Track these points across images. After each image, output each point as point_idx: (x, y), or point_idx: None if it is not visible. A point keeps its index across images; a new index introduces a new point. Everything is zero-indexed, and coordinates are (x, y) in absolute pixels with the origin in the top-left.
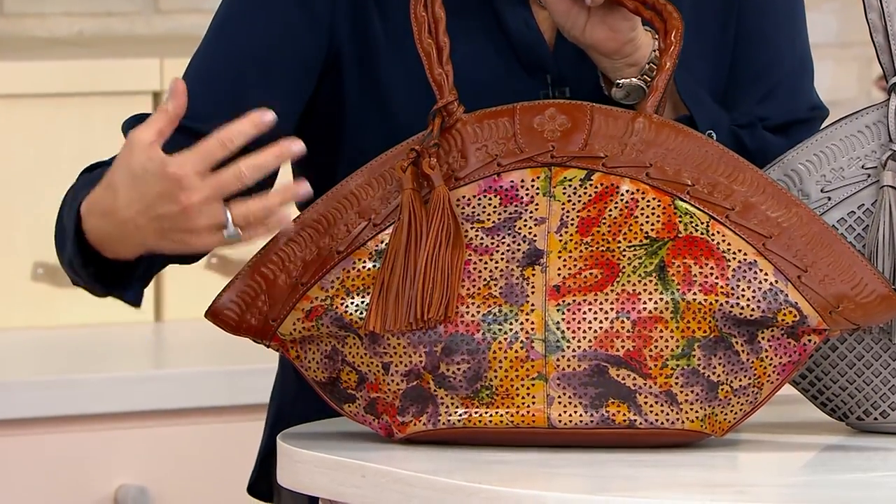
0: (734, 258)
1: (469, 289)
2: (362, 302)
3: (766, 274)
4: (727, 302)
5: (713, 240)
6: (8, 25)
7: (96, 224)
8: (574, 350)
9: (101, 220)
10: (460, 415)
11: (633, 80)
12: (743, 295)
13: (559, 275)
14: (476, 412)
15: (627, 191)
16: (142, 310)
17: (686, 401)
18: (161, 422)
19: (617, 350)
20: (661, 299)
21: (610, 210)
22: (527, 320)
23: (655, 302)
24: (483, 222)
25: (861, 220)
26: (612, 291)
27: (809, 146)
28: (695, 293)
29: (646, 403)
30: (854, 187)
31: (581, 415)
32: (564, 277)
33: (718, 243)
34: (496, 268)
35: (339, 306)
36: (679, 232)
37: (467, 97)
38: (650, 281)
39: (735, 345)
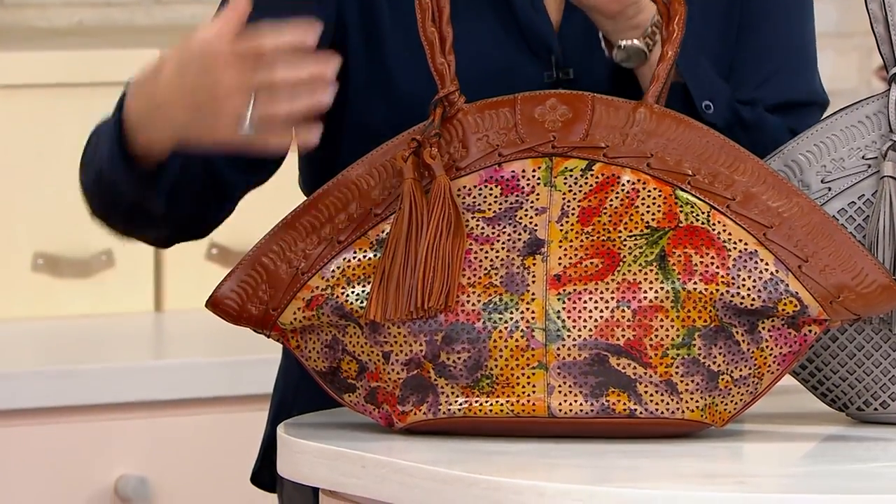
0: (735, 248)
1: (470, 278)
2: (363, 291)
3: (767, 264)
4: (728, 291)
5: (714, 230)
6: (8, 16)
7: (137, 106)
8: (574, 339)
9: (142, 102)
10: (460, 404)
11: (635, 42)
12: (743, 285)
13: (560, 264)
14: (476, 401)
15: (628, 181)
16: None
17: (686, 390)
18: (161, 412)
19: (617, 339)
20: (662, 289)
21: (611, 200)
22: (527, 309)
23: (656, 291)
24: (484, 212)
25: (861, 211)
26: (613, 281)
27: (810, 136)
28: (695, 282)
29: (646, 393)
30: (854, 178)
31: (581, 404)
32: (565, 267)
33: (719, 233)
34: (497, 257)
35: (340, 295)
36: (680, 222)
37: (472, 76)
38: (651, 270)
39: (735, 335)
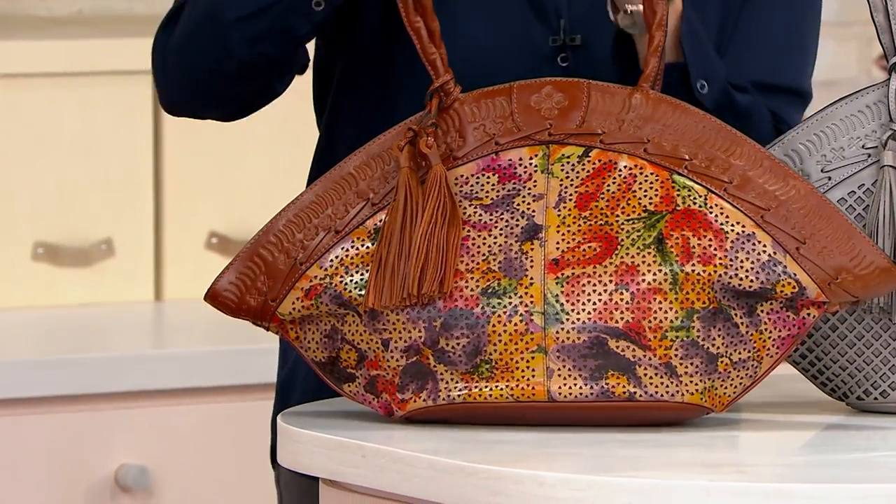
0: (732, 230)
1: (468, 264)
2: (361, 279)
3: (765, 246)
4: (726, 273)
5: (711, 212)
6: (7, 5)
7: None
8: (573, 322)
9: None
10: (460, 390)
11: (641, 7)
12: (742, 266)
13: (558, 248)
14: (476, 387)
15: (625, 166)
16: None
17: (686, 373)
18: (161, 401)
19: (616, 322)
20: (660, 271)
21: (608, 185)
22: (526, 294)
23: (654, 274)
24: (481, 199)
25: (861, 200)
26: (611, 264)
27: (810, 126)
28: (693, 265)
29: (645, 375)
30: (854, 167)
31: (581, 387)
32: (563, 251)
33: (716, 216)
34: (495, 243)
35: (339, 284)
36: (677, 205)
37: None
38: (649, 253)
39: (734, 317)
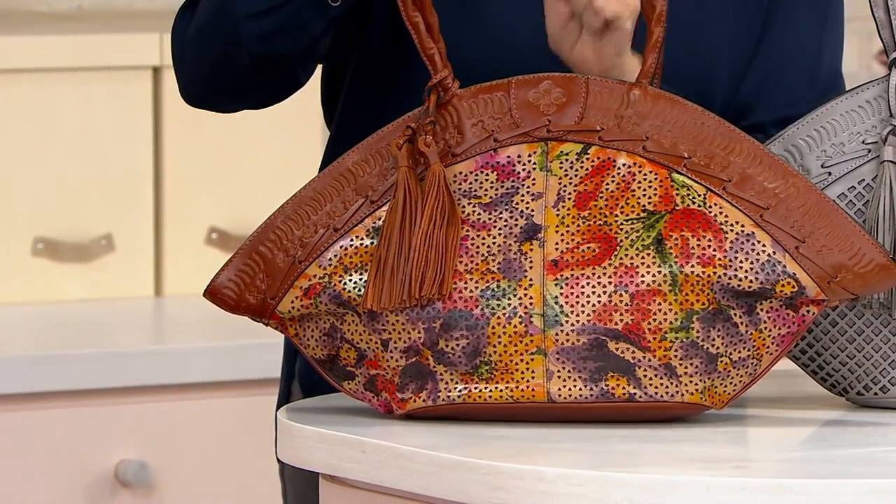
0: (731, 230)
1: (467, 264)
2: (360, 279)
3: (764, 245)
4: (725, 274)
5: (710, 212)
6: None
7: None
8: (573, 324)
9: None
10: (460, 391)
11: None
12: (741, 266)
13: (557, 249)
14: (475, 388)
15: (624, 164)
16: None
17: (685, 373)
18: (161, 397)
19: (616, 323)
20: (660, 272)
21: (607, 184)
22: (525, 295)
23: (654, 275)
24: (480, 198)
25: (861, 196)
26: (610, 265)
27: (810, 121)
28: (693, 265)
29: (645, 376)
30: (854, 162)
31: (580, 389)
32: (562, 252)
33: (716, 215)
34: (494, 243)
35: (338, 283)
36: (676, 205)
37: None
38: (648, 254)
39: (734, 317)
